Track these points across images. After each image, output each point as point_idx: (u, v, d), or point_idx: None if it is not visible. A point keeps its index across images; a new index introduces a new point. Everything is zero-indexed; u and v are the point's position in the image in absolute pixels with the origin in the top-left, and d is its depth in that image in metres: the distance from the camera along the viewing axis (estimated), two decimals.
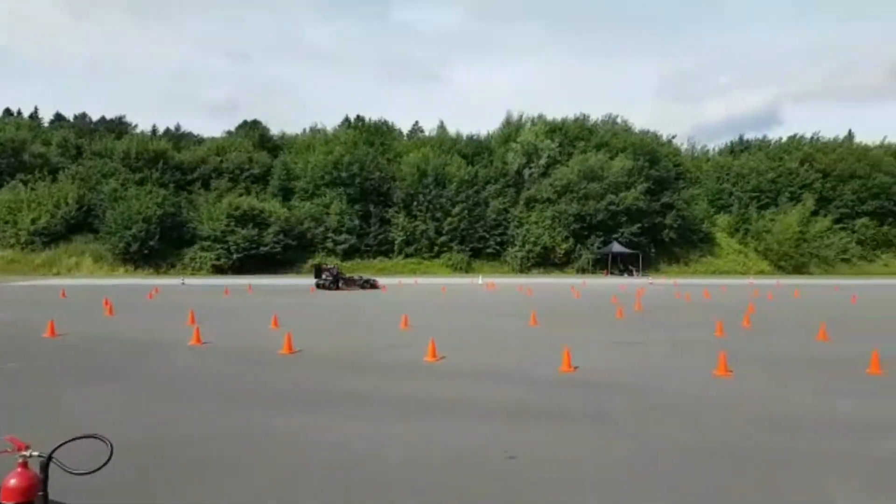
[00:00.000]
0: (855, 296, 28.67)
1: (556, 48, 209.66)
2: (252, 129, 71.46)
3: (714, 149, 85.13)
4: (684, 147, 78.81)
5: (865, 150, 71.92)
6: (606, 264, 59.19)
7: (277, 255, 55.26)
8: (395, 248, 59.94)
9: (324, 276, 33.76)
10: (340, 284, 33.32)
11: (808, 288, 36.78)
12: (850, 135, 77.90)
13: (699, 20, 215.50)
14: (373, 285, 34.38)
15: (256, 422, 6.77)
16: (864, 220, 64.94)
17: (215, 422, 6.77)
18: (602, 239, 60.11)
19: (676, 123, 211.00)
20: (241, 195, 58.60)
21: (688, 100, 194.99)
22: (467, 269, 57.84)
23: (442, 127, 73.52)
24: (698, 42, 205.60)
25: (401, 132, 77.60)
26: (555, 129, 68.61)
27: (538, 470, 5.28)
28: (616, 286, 38.61)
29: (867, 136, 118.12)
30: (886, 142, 76.70)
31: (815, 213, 63.85)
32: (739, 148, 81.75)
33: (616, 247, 58.60)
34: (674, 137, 73.90)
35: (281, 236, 55.17)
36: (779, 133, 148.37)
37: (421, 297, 28.01)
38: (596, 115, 75.23)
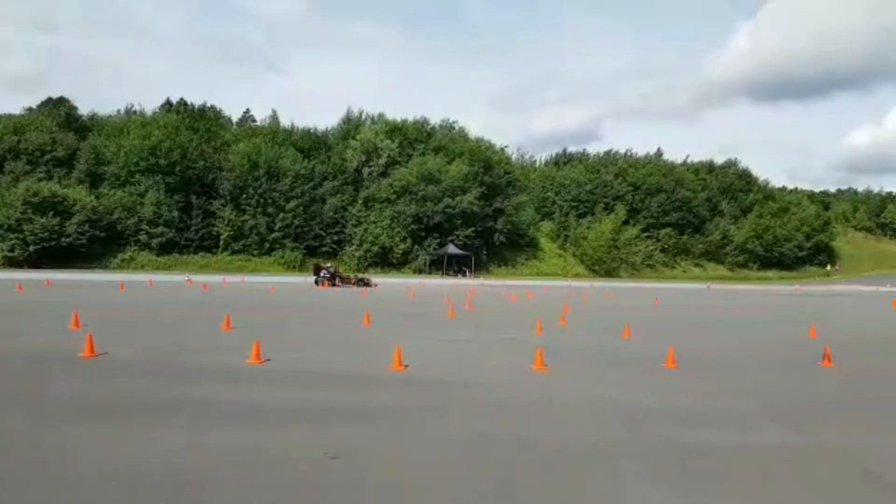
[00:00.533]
0: (657, 298, 32.04)
1: (398, 49, 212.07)
2: (57, 107, 63.53)
3: (541, 159, 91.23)
4: (514, 156, 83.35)
5: (671, 167, 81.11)
6: (442, 265, 60.76)
7: (82, 247, 49.78)
8: (220, 243, 56.63)
9: (322, 274, 36.08)
10: (337, 282, 35.53)
11: (618, 290, 40.51)
12: (659, 152, 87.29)
13: (532, 37, 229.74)
14: (366, 283, 36.39)
15: (20, 436, 5.85)
16: (668, 230, 73.07)
17: None
18: (438, 240, 61.59)
19: (508, 133, 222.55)
20: (41, 180, 52.03)
21: (518, 111, 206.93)
22: (301, 268, 56.24)
23: (275, 117, 70.80)
24: (530, 58, 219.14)
25: (230, 120, 73.57)
26: (395, 130, 69.09)
27: (358, 470, 5.09)
28: (450, 286, 39.71)
29: (673, 153, 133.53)
30: (689, 160, 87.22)
31: (625, 223, 70.59)
32: (563, 160, 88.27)
33: (451, 248, 60.38)
34: (505, 147, 77.76)
35: (86, 227, 49.77)
36: (598, 147, 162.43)
37: (247, 295, 26.65)
38: (435, 119, 76.99)
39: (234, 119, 75.13)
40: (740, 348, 13.71)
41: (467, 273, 59.66)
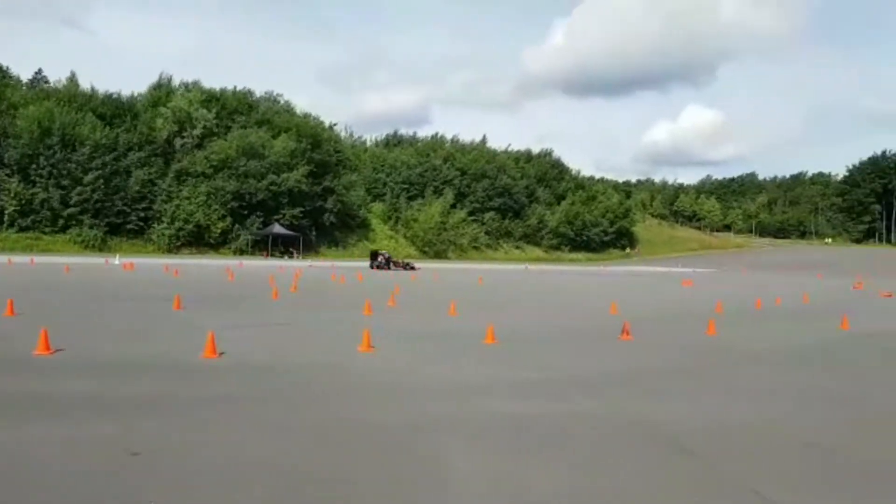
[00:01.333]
0: (481, 278, 33.61)
1: (219, 12, 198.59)
2: None
3: (372, 140, 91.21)
4: (344, 135, 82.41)
5: (494, 154, 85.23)
6: (267, 246, 58.48)
7: None
8: (5, 218, 49.64)
9: (379, 259, 41.89)
10: (391, 266, 41.23)
11: (446, 271, 41.89)
12: (485, 139, 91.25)
13: (363, 15, 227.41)
14: (411, 267, 42.01)
15: None
16: (492, 214, 76.87)
17: None
18: (262, 220, 59.16)
19: (338, 111, 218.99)
20: None
21: (349, 90, 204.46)
22: (102, 248, 51.02)
23: (73, 79, 63.12)
24: (361, 35, 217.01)
25: (19, 80, 64.40)
26: (212, 99, 64.92)
27: (160, 466, 4.69)
28: (275, 268, 38.35)
29: (497, 141, 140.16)
30: (510, 148, 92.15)
31: (453, 206, 73.15)
32: (394, 142, 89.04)
33: (277, 228, 58.31)
34: (335, 125, 76.57)
35: None
36: (428, 131, 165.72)
37: (37, 277, 23.60)
38: (258, 90, 73.41)
39: (24, 79, 65.81)
40: (552, 324, 14.81)
41: (294, 254, 58.05)
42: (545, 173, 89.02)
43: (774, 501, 4.37)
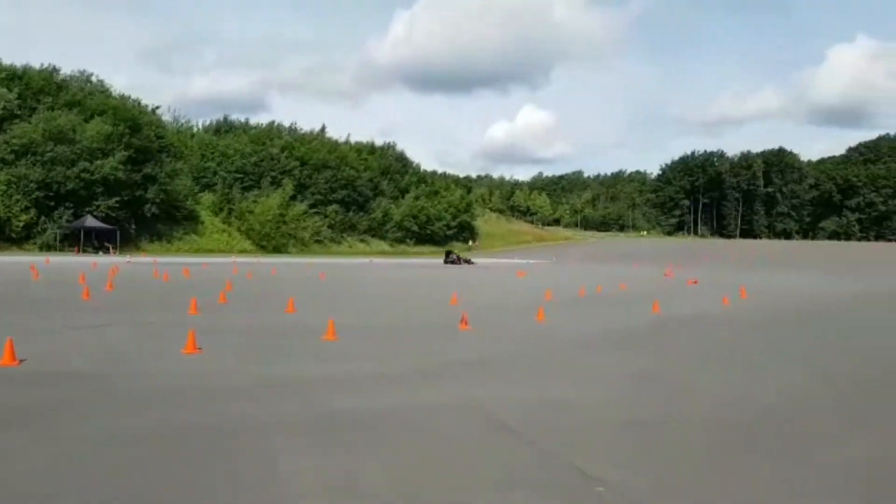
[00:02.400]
0: (323, 272, 33.01)
1: None
2: None
3: (199, 125, 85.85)
4: (168, 119, 76.85)
5: (336, 145, 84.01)
6: (78, 240, 52.99)
7: None
8: None
9: (451, 257, 52.07)
10: (462, 263, 49.76)
11: (285, 266, 40.64)
12: (324, 129, 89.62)
13: None
14: (470, 262, 51.14)
15: None
16: (335, 206, 75.73)
17: None
18: (73, 211, 53.53)
19: (161, 93, 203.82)
20: None
21: (173, 71, 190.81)
22: None
23: None
24: (186, 11, 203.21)
25: None
26: (13, 77, 57.64)
27: None
28: (88, 265, 34.85)
29: (337, 132, 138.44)
30: (352, 139, 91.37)
31: (293, 198, 71.06)
32: (225, 128, 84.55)
33: (90, 221, 53.07)
34: (158, 108, 71.10)
35: None
36: (265, 118, 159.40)
37: None
38: (67, 69, 66.15)
39: None
40: (394, 317, 14.92)
41: (111, 249, 53.16)
42: (389, 166, 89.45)
43: (594, 476, 4.70)
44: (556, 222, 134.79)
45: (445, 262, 51.53)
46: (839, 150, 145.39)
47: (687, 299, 22.13)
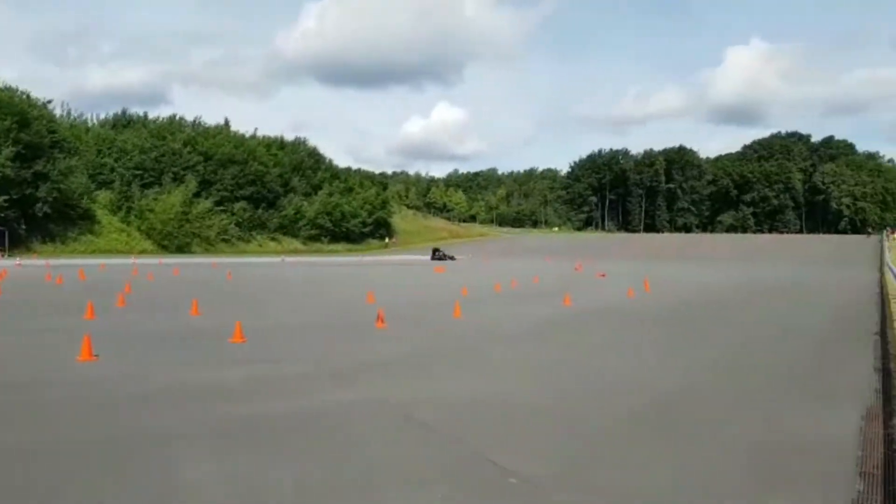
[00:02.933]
0: (230, 272, 31.93)
1: None
2: None
3: (95, 119, 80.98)
4: (60, 113, 71.99)
5: (242, 139, 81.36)
6: None
7: None
8: None
9: (438, 254, 57.17)
10: (446, 258, 55.74)
11: (189, 266, 39.02)
12: (228, 122, 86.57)
13: None
14: (453, 258, 56.50)
15: None
16: (242, 203, 73.22)
17: None
18: None
19: (53, 86, 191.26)
20: None
21: (67, 62, 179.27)
22: None
23: None
24: (83, 0, 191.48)
25: None
26: None
27: None
28: None
29: (244, 126, 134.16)
30: (259, 133, 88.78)
31: (197, 195, 68.13)
32: (122, 122, 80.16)
33: None
34: (49, 101, 66.43)
35: None
36: (166, 112, 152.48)
37: None
38: None
39: None
40: (308, 317, 14.65)
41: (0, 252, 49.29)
42: (301, 162, 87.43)
43: (507, 468, 4.79)
44: (472, 219, 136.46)
45: (432, 258, 56.09)
46: (735, 147, 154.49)
47: (596, 292, 22.95)
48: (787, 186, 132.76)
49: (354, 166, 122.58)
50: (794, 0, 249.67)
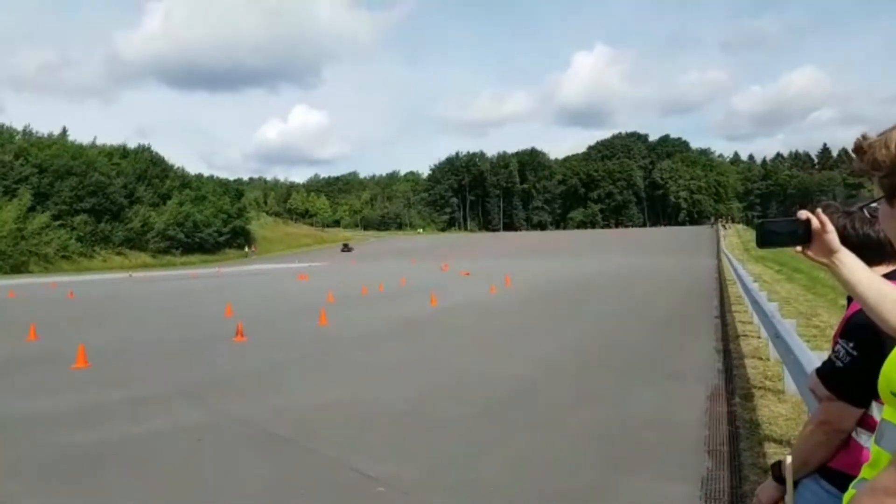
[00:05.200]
0: (72, 291, 29.12)
1: None
2: None
3: None
4: None
5: (81, 149, 74.68)
6: None
7: None
8: None
9: (346, 246, 76.20)
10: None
11: (26, 287, 35.16)
12: (65, 131, 79.23)
13: None
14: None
15: None
16: (83, 216, 67.23)
17: None
18: None
19: None
20: None
21: None
22: None
23: None
24: None
25: None
26: None
27: None
28: None
29: (83, 134, 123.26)
30: (99, 142, 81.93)
31: (32, 209, 61.80)
32: None
33: None
34: None
35: None
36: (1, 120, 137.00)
37: None
38: None
39: None
40: (160, 334, 13.64)
41: None
42: (146, 170, 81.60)
43: (373, 476, 4.70)
44: (336, 223, 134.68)
45: (342, 251, 67.81)
46: (581, 147, 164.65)
47: (460, 290, 23.43)
48: (630, 183, 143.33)
49: (208, 173, 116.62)
50: (632, 6, 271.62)
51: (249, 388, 8.00)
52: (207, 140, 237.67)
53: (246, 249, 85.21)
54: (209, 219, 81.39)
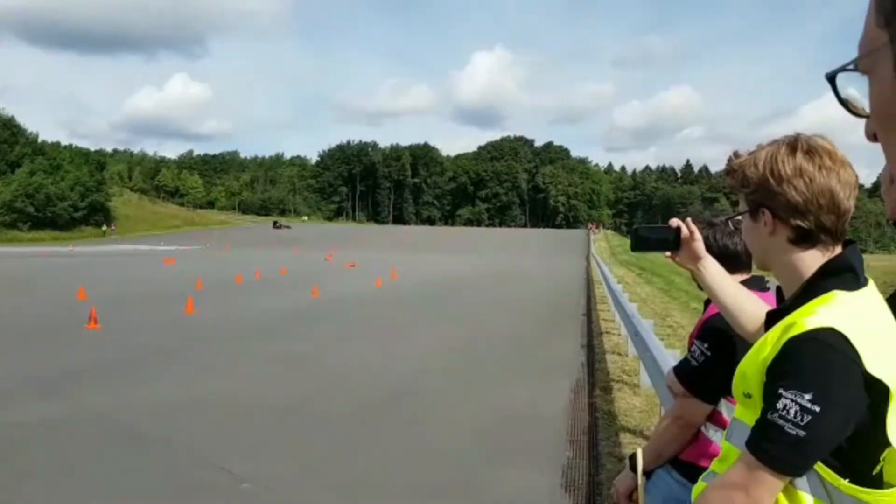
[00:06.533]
0: None
1: None
2: None
3: None
4: None
5: None
6: None
7: None
8: None
9: (279, 225, 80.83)
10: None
11: None
12: None
13: None
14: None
15: None
16: None
17: None
18: None
19: None
20: None
21: None
22: None
23: None
24: None
25: None
26: None
27: None
28: None
29: None
30: None
31: None
32: None
33: None
34: None
35: None
36: None
37: None
38: None
39: None
40: (1, 319, 12.47)
41: None
42: None
43: (239, 473, 4.59)
44: (211, 205, 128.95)
45: (274, 228, 70.38)
46: (473, 146, 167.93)
47: (345, 281, 23.21)
48: (515, 185, 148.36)
49: (68, 141, 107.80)
50: (536, 13, 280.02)
51: (107, 382, 7.53)
52: (72, 106, 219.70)
53: (104, 228, 79.50)
54: (64, 192, 75.15)
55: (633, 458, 2.01)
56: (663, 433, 2.01)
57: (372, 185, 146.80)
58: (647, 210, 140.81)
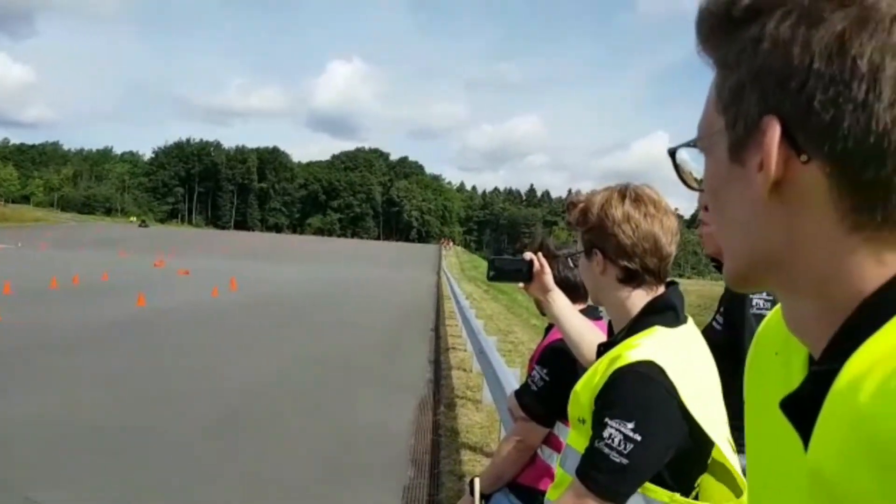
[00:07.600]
0: None
1: None
2: None
3: None
4: None
5: None
6: None
7: None
8: None
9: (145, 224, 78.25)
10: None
11: None
12: None
13: None
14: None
15: None
16: None
17: None
18: None
19: None
20: None
21: None
22: None
23: None
24: None
25: None
26: None
27: None
28: None
29: None
30: None
31: None
32: None
33: None
34: None
35: None
36: None
37: None
38: None
39: None
40: None
41: None
42: None
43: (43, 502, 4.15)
44: (26, 200, 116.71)
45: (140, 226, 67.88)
46: (326, 155, 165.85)
47: (176, 290, 21.84)
48: (369, 197, 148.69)
49: None
50: (394, 29, 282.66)
51: None
52: None
53: None
54: None
55: (472, 483, 2.06)
56: (504, 457, 2.08)
57: (213, 186, 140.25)
58: (495, 229, 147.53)
